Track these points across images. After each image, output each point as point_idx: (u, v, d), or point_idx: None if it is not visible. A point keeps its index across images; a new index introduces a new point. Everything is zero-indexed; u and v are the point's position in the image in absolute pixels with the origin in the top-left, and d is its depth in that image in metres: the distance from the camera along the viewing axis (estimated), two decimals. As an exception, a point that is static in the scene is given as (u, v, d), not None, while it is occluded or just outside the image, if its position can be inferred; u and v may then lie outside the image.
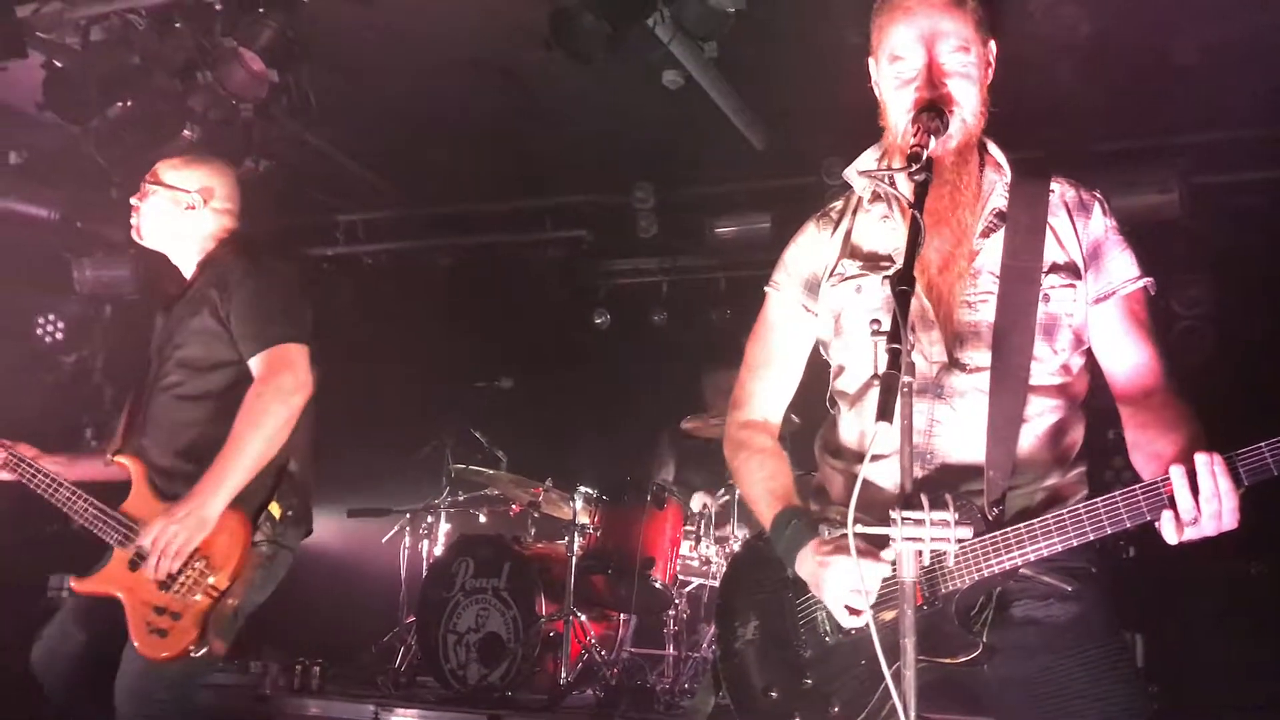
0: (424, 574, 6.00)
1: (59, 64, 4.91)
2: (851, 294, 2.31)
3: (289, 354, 3.08)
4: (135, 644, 2.93)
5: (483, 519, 6.49)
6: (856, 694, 2.15)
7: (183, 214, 3.31)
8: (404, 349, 7.35)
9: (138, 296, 7.43)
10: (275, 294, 3.16)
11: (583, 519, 5.54)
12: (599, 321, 7.49)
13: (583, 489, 5.58)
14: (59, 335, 7.74)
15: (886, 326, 1.77)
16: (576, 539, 5.41)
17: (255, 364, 3.06)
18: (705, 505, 5.77)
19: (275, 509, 3.09)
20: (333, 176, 6.91)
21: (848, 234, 2.39)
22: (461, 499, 6.38)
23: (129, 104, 5.05)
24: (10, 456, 3.25)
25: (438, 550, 6.19)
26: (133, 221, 3.36)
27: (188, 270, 3.36)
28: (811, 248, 2.45)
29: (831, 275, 2.37)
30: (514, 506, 6.18)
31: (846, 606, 2.09)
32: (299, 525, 3.22)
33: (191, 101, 5.00)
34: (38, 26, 4.77)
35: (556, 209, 7.36)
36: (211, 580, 2.95)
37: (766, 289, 2.51)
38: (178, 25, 4.73)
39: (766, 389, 2.50)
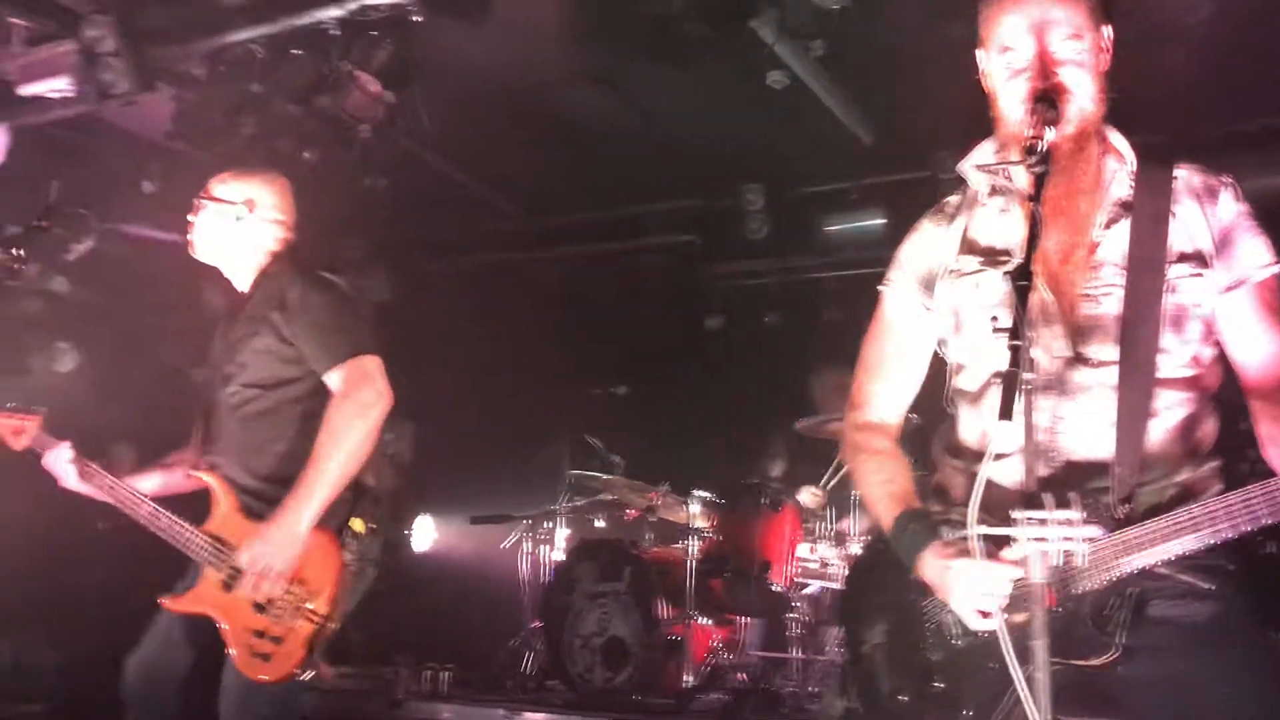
0: (545, 578, 6.08)
1: (185, 95, 5.11)
2: (970, 290, 2.28)
3: (365, 366, 3.09)
4: (238, 666, 2.97)
5: (600, 524, 6.56)
6: (988, 697, 2.12)
7: (232, 225, 3.31)
8: (520, 359, 7.46)
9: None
10: (338, 309, 3.17)
11: (699, 523, 5.56)
12: (711, 325, 7.49)
13: (698, 493, 5.60)
14: (188, 355, 8.04)
15: (1006, 323, 1.75)
16: (694, 543, 5.43)
17: (333, 379, 3.08)
18: (815, 500, 5.72)
19: (358, 524, 3.08)
20: (447, 192, 7.05)
21: (965, 229, 2.36)
22: (579, 504, 6.45)
23: (252, 130, 5.23)
24: (87, 469, 3.26)
25: (557, 555, 6.27)
26: (189, 237, 3.38)
27: (241, 283, 3.38)
28: (927, 244, 2.41)
29: (949, 272, 2.33)
30: (631, 511, 6.22)
31: (976, 610, 2.06)
32: (379, 538, 3.20)
33: (310, 125, 5.16)
34: (164, 61, 4.97)
35: (665, 214, 7.39)
36: (311, 605, 2.98)
37: (881, 288, 2.48)
38: (295, 52, 4.88)
39: (884, 390, 2.48)
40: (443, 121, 5.46)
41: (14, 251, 2.97)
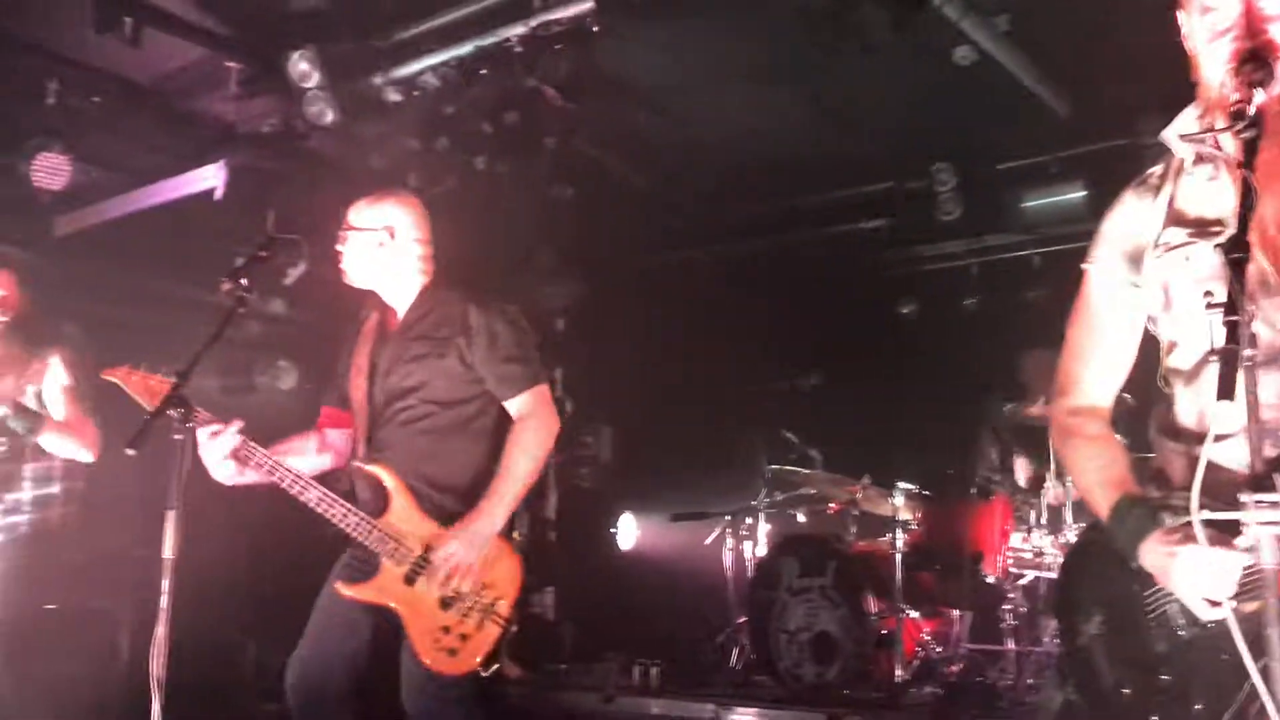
0: (749, 574, 6.10)
1: (385, 123, 5.38)
2: (1180, 264, 2.16)
3: (545, 394, 3.37)
4: (424, 658, 3.15)
5: (801, 518, 6.53)
6: (1220, 691, 2.01)
7: (377, 251, 3.44)
8: (712, 356, 7.50)
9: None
10: (520, 339, 3.39)
11: (905, 515, 5.46)
12: (906, 311, 7.35)
13: (903, 484, 5.50)
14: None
15: (1220, 297, 1.66)
16: (900, 535, 5.34)
17: (519, 403, 3.33)
18: (1032, 474, 5.54)
19: (516, 535, 3.38)
20: (631, 195, 7.15)
21: (1170, 200, 2.24)
22: (779, 499, 6.44)
23: (446, 148, 5.46)
24: (249, 454, 3.21)
25: (760, 551, 6.27)
26: (341, 266, 3.51)
27: (398, 302, 3.51)
28: (1132, 218, 2.29)
29: (1156, 246, 2.21)
30: (832, 505, 6.16)
31: (1203, 599, 1.95)
32: (546, 544, 3.48)
33: (500, 140, 5.35)
34: (364, 90, 5.25)
35: (854, 200, 7.29)
36: (499, 608, 3.19)
37: (1085, 266, 2.38)
38: (483, 72, 5.07)
39: (1093, 372, 2.38)
40: (623, 125, 5.56)
41: (241, 281, 3.17)
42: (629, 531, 7.94)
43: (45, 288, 4.88)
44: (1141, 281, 2.25)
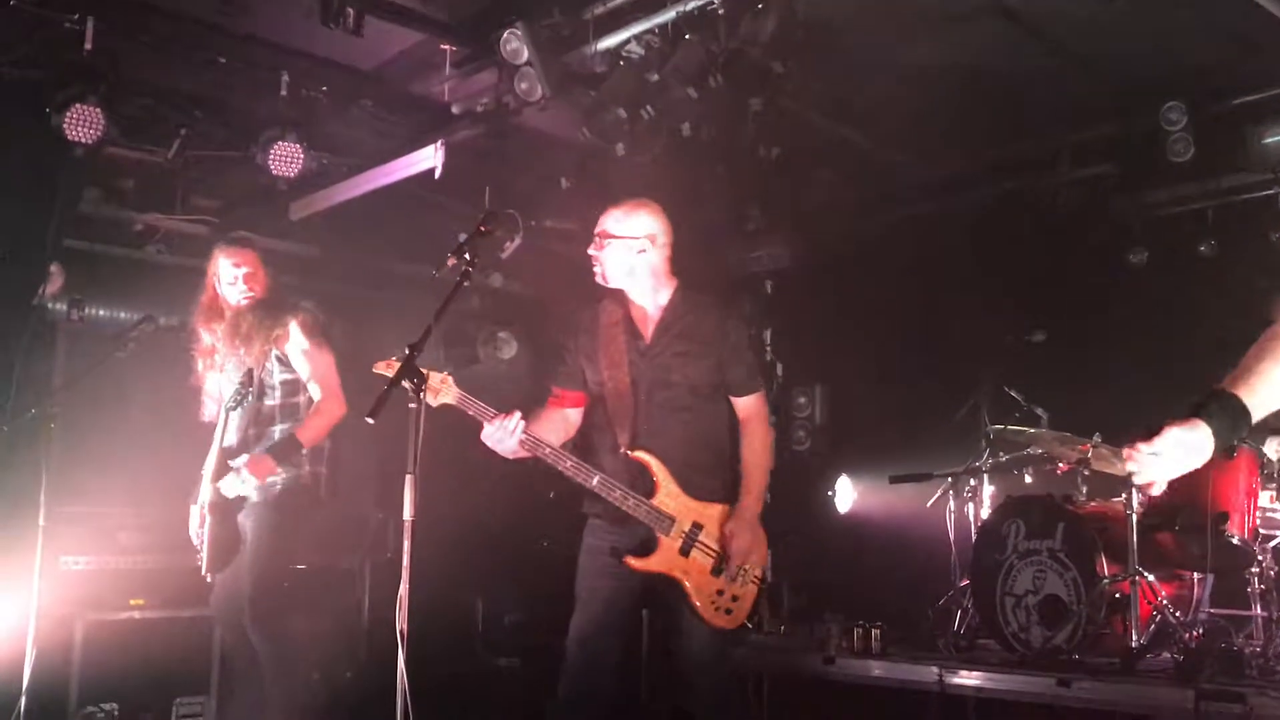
0: (973, 537, 5.95)
1: (593, 94, 5.46)
2: None
3: (764, 399, 3.95)
4: (704, 616, 3.69)
5: (1028, 479, 6.30)
6: None
7: (635, 256, 3.80)
8: (930, 313, 7.33)
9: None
10: (754, 348, 4.20)
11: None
12: (1136, 260, 6.96)
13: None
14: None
15: None
16: (1135, 496, 5.09)
17: (750, 401, 3.88)
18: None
19: None
20: (840, 153, 7.04)
21: None
22: (1003, 460, 6.23)
23: (653, 117, 5.51)
24: (529, 437, 3.57)
25: (984, 513, 6.10)
26: (595, 270, 3.87)
27: (648, 301, 3.88)
28: None
29: None
30: (1060, 465, 5.93)
31: None
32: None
33: (706, 104, 5.35)
34: (572, 64, 5.35)
35: (1077, 146, 6.95)
36: (755, 571, 3.77)
37: None
38: (687, 37, 5.08)
39: None
40: (829, 82, 5.46)
41: (465, 256, 3.31)
42: (846, 494, 7.87)
43: (284, 268, 5.22)
44: None
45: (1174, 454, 2.12)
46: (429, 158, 5.94)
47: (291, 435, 4.56)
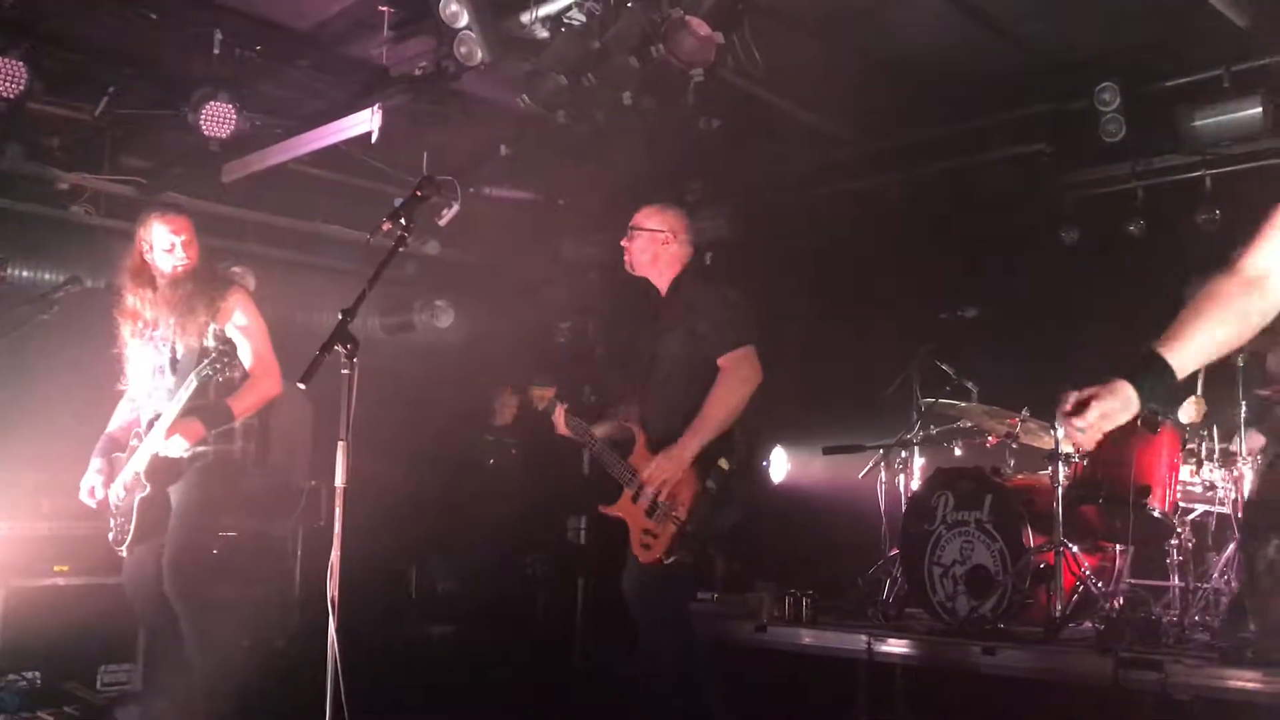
0: (903, 508, 6.05)
1: (533, 60, 5.41)
2: None
3: (747, 353, 4.20)
4: (634, 551, 4.23)
5: (958, 452, 6.40)
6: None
7: (660, 248, 4.43)
8: (865, 286, 7.39)
9: (617, 262, 8.04)
10: (730, 310, 4.30)
11: (1066, 447, 5.31)
12: (1067, 238, 7.07)
13: (1065, 416, 5.33)
14: (554, 305, 8.57)
15: None
16: (1061, 469, 5.20)
17: (725, 359, 4.17)
18: (1200, 411, 5.30)
19: (724, 462, 4.11)
20: (780, 126, 7.05)
21: None
22: (934, 433, 6.34)
23: (594, 85, 5.46)
24: (576, 423, 4.55)
25: (914, 484, 6.20)
26: (626, 259, 4.51)
27: (663, 288, 4.47)
28: None
29: None
30: (990, 438, 6.03)
31: None
32: (744, 476, 4.31)
33: (647, 73, 5.32)
34: (513, 29, 5.29)
35: (1011, 124, 7.02)
36: (678, 513, 4.10)
37: None
38: (630, 5, 5.04)
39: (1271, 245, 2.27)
40: (772, 55, 5.46)
41: (400, 221, 3.28)
42: (780, 464, 7.94)
43: (216, 231, 5.12)
44: None
45: (1100, 425, 2.17)
46: (366, 121, 5.85)
47: (224, 403, 4.49)
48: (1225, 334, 2.23)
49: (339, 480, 3.09)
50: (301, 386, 3.08)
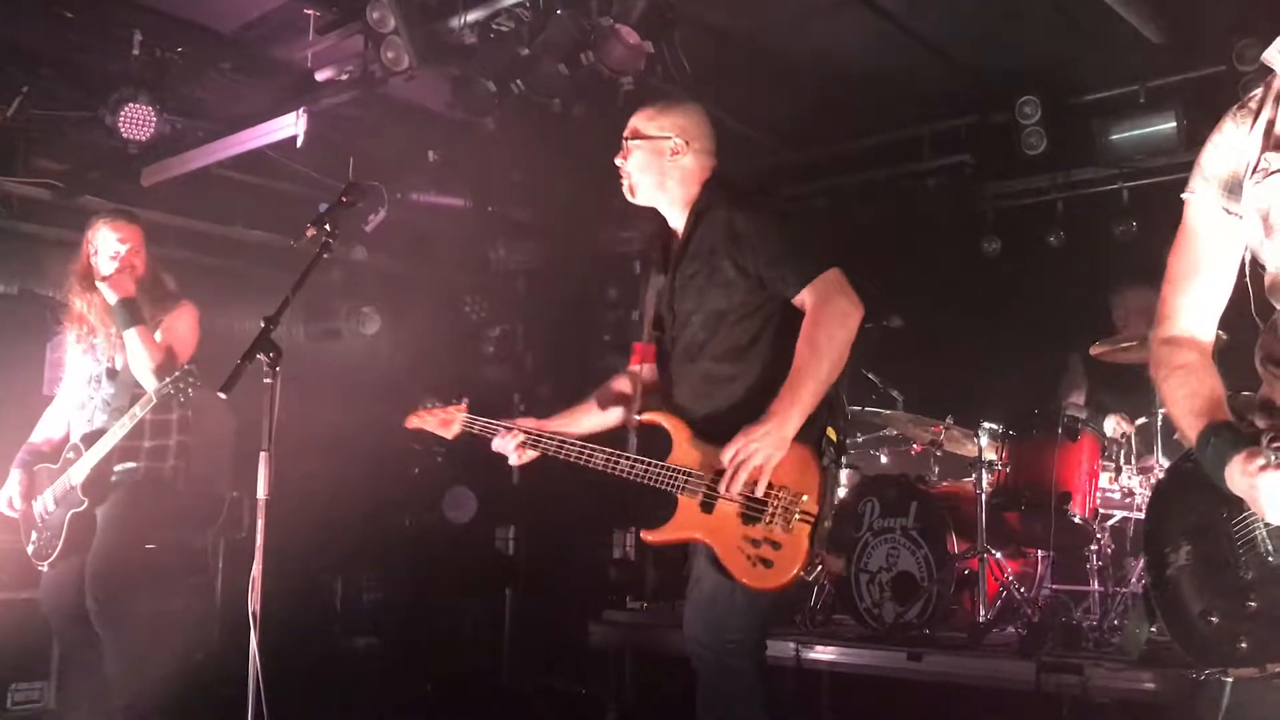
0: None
1: (462, 66, 5.37)
2: (1279, 190, 2.09)
3: (835, 279, 3.10)
4: (739, 577, 2.95)
5: (884, 459, 6.48)
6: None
7: (669, 161, 3.25)
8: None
9: (547, 270, 8.02)
10: (792, 229, 3.18)
11: (989, 455, 5.40)
12: (990, 248, 7.19)
13: (987, 424, 5.43)
14: (483, 312, 8.50)
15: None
16: (984, 476, 5.28)
17: (806, 297, 3.06)
18: (1121, 430, 5.44)
19: (831, 433, 3.03)
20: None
21: (1270, 124, 2.15)
22: (860, 440, 6.40)
23: (522, 92, 5.44)
24: (528, 436, 3.30)
25: (841, 492, 6.25)
26: (623, 183, 3.32)
27: (677, 221, 3.32)
28: (1229, 145, 2.21)
29: (1254, 172, 2.13)
30: (915, 446, 6.11)
31: None
32: (842, 449, 3.13)
33: (576, 81, 5.31)
34: (441, 35, 5.25)
35: (935, 136, 7.14)
36: (804, 505, 2.92)
37: (1184, 196, 2.31)
38: (559, 12, 5.03)
39: (1191, 303, 2.31)
40: (700, 64, 5.49)
41: (325, 227, 3.23)
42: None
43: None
44: (1240, 210, 2.19)
45: None
46: (290, 125, 5.76)
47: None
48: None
49: (261, 491, 3.03)
50: (222, 396, 3.01)
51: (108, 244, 4.48)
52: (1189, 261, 2.30)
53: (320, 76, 5.88)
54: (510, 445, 3.30)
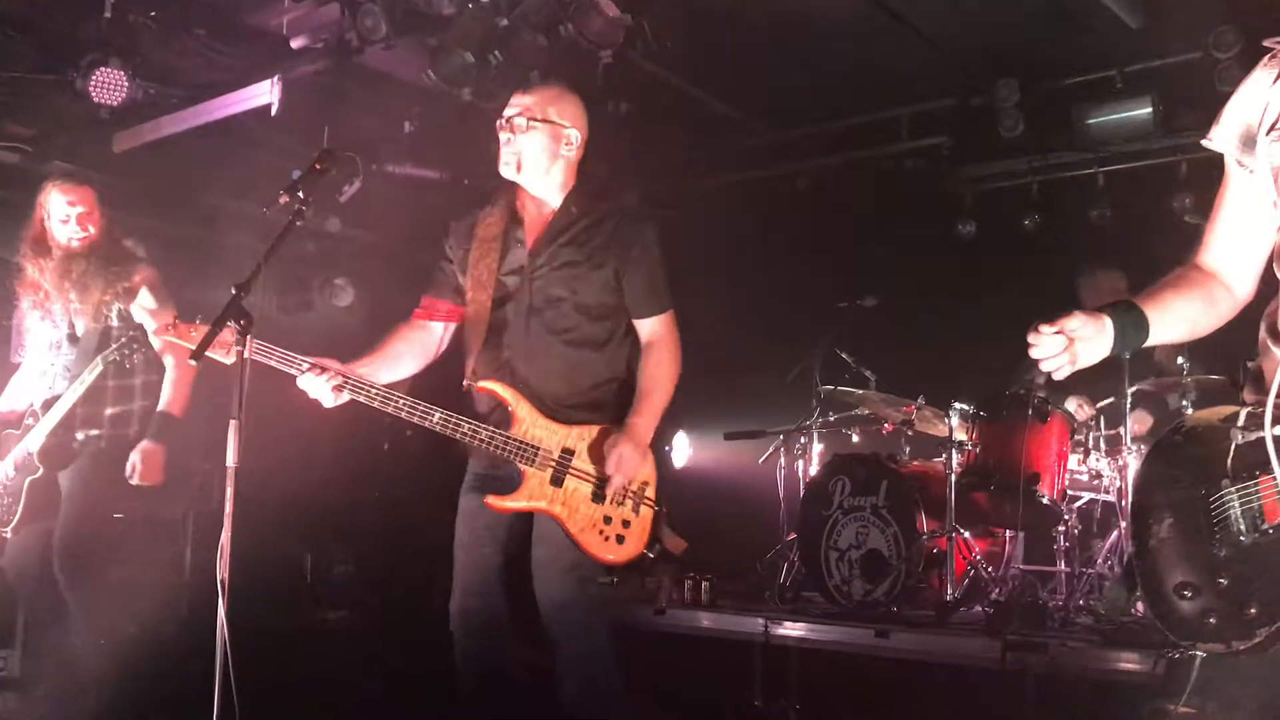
0: (801, 493, 6.12)
1: (439, 36, 5.32)
2: None
3: (673, 319, 3.46)
4: (592, 552, 3.26)
5: (855, 439, 6.51)
6: (1276, 596, 2.00)
7: (563, 149, 3.33)
8: (768, 275, 7.45)
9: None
10: (664, 265, 3.46)
11: (960, 435, 5.43)
12: (965, 230, 7.22)
13: (958, 405, 5.47)
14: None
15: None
16: (954, 456, 5.32)
17: (653, 323, 3.41)
18: (1083, 411, 5.49)
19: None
20: (689, 112, 7.06)
21: None
22: (833, 419, 6.43)
23: (501, 63, 5.40)
24: (347, 381, 3.24)
25: (813, 470, 6.28)
26: (505, 157, 3.33)
27: (551, 203, 3.41)
28: (1252, 95, 2.14)
29: (1271, 129, 2.07)
30: (886, 425, 6.14)
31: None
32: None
33: (555, 53, 5.27)
34: (419, 4, 5.19)
35: (913, 117, 7.14)
36: (648, 494, 3.37)
37: (1202, 142, 2.26)
38: (540, -18, 4.99)
39: (1216, 242, 2.28)
40: (681, 39, 5.47)
41: (297, 195, 3.18)
42: (683, 450, 7.98)
43: (105, 202, 4.92)
44: (1253, 164, 2.14)
45: (1080, 332, 2.19)
46: (265, 93, 5.70)
47: (166, 414, 4.41)
48: (1195, 314, 2.25)
49: (231, 460, 3.01)
50: (193, 364, 2.98)
51: (59, 207, 4.39)
52: (1220, 203, 2.27)
53: (295, 44, 5.81)
54: (326, 386, 3.23)
